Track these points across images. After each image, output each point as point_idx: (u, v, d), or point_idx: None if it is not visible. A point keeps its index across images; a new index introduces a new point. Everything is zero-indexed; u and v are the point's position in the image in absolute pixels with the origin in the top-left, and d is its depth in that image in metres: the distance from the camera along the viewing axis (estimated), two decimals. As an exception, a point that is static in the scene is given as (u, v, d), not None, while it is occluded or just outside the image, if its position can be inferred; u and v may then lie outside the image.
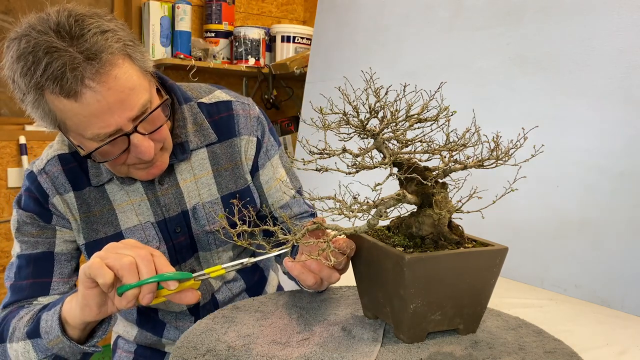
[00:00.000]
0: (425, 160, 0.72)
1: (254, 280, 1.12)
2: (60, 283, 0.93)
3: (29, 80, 0.75)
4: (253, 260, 0.79)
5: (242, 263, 0.79)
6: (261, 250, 0.72)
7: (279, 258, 1.11)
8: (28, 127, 2.28)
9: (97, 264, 0.68)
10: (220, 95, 1.04)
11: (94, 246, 0.93)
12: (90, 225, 0.94)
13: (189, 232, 0.98)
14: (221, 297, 1.06)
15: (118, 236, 0.94)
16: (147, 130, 0.83)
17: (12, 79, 0.78)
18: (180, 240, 0.98)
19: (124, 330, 1.13)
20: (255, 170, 1.05)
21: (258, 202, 1.06)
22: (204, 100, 1.02)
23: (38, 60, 0.73)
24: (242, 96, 1.07)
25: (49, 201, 0.92)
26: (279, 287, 1.27)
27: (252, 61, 2.69)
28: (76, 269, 0.97)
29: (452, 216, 0.74)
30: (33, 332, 0.79)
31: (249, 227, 0.72)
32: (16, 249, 0.94)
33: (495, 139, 0.70)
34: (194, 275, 0.74)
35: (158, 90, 0.89)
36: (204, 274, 0.76)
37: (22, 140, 2.22)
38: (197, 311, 1.04)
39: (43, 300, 0.90)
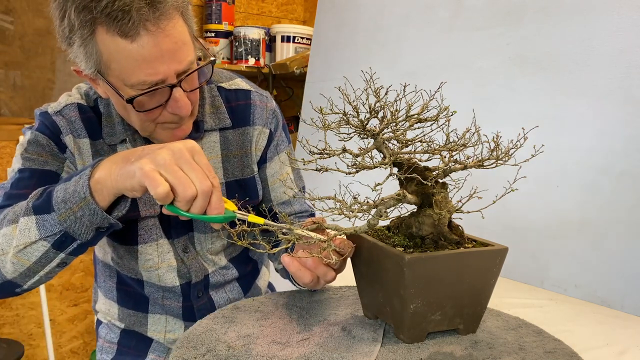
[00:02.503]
0: (425, 160, 0.72)
1: (246, 271, 1.12)
2: None
3: (85, 16, 0.74)
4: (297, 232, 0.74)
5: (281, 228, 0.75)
6: (260, 251, 0.72)
7: (272, 255, 1.11)
8: (28, 127, 2.28)
9: (159, 186, 0.66)
10: (241, 83, 1.06)
11: None
12: None
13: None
14: (213, 280, 1.05)
15: None
16: (187, 89, 0.84)
17: (62, 15, 0.77)
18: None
19: (105, 308, 1.10)
20: (262, 162, 1.06)
21: (261, 194, 1.07)
22: (224, 85, 1.04)
23: None
24: (261, 89, 1.08)
25: (61, 138, 0.91)
26: (270, 284, 1.27)
27: (252, 61, 2.69)
28: None
29: (452, 216, 0.74)
30: (41, 207, 0.73)
31: (248, 227, 0.72)
32: (17, 165, 0.89)
33: (495, 139, 0.70)
34: (237, 216, 0.74)
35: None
36: (246, 215, 0.74)
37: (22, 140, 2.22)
38: (188, 289, 1.03)
39: None
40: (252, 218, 0.74)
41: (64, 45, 0.81)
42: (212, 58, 0.88)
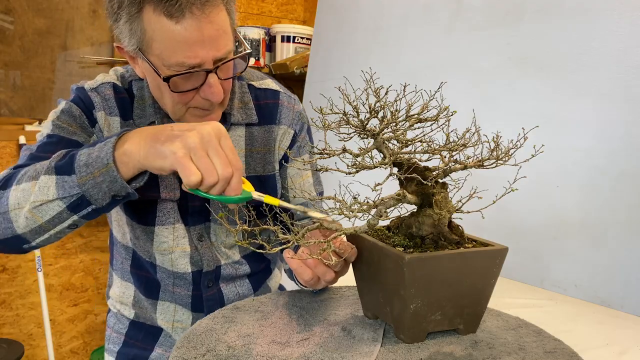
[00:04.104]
0: (425, 160, 0.72)
1: (259, 269, 1.13)
2: None
3: None
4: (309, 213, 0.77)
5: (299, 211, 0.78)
6: (261, 251, 0.72)
7: (281, 253, 1.12)
8: (28, 127, 2.27)
9: (192, 175, 0.68)
10: (271, 84, 1.09)
11: None
12: None
13: (206, 199, 0.99)
14: (225, 272, 1.06)
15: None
16: (222, 77, 0.87)
17: None
18: (196, 204, 1.00)
19: (120, 292, 1.10)
20: (284, 162, 1.08)
21: (279, 193, 1.09)
22: (255, 83, 1.07)
23: None
24: (289, 91, 1.12)
25: (93, 113, 0.94)
26: (280, 286, 1.27)
27: (252, 61, 2.69)
28: None
29: (452, 216, 0.74)
30: (63, 168, 0.75)
31: (249, 226, 0.72)
32: (46, 130, 0.91)
33: (495, 139, 0.70)
34: (253, 196, 0.76)
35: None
36: (262, 196, 0.77)
37: (22, 140, 2.21)
38: (198, 277, 1.04)
39: None
40: (269, 199, 0.76)
41: (110, 20, 0.84)
42: (248, 50, 0.90)
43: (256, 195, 0.76)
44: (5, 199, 0.78)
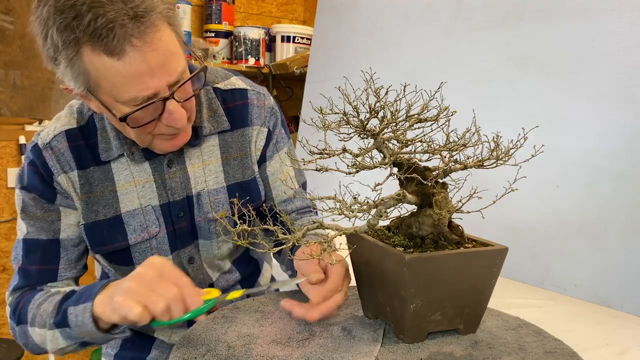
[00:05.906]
0: (425, 160, 0.72)
1: (248, 272, 1.12)
2: (67, 269, 0.95)
3: (68, 36, 0.72)
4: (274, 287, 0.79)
5: (262, 290, 0.80)
6: (260, 250, 0.72)
7: (278, 256, 1.11)
8: (28, 127, 2.27)
9: (133, 308, 0.71)
10: (236, 82, 1.04)
11: (92, 228, 0.93)
12: (90, 207, 0.93)
13: (191, 218, 0.98)
14: (217, 287, 1.05)
15: (117, 219, 0.93)
16: (181, 99, 0.82)
17: (45, 35, 0.75)
18: (182, 225, 0.97)
19: None
20: (262, 161, 1.05)
21: (263, 194, 1.06)
22: (220, 85, 1.02)
23: (81, 14, 0.70)
24: (257, 85, 1.07)
25: (54, 179, 0.91)
26: (272, 279, 1.26)
27: (252, 61, 2.69)
28: (83, 253, 0.97)
29: (452, 216, 0.74)
30: (61, 323, 0.83)
31: (249, 226, 0.72)
32: (22, 229, 0.93)
33: (495, 139, 0.70)
34: (217, 299, 0.76)
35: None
36: (225, 295, 0.77)
37: (22, 140, 2.21)
38: None
39: (52, 285, 0.93)
40: (233, 295, 0.77)
41: (50, 65, 0.79)
42: (204, 65, 0.86)
43: (221, 297, 0.76)
44: (29, 336, 0.88)
